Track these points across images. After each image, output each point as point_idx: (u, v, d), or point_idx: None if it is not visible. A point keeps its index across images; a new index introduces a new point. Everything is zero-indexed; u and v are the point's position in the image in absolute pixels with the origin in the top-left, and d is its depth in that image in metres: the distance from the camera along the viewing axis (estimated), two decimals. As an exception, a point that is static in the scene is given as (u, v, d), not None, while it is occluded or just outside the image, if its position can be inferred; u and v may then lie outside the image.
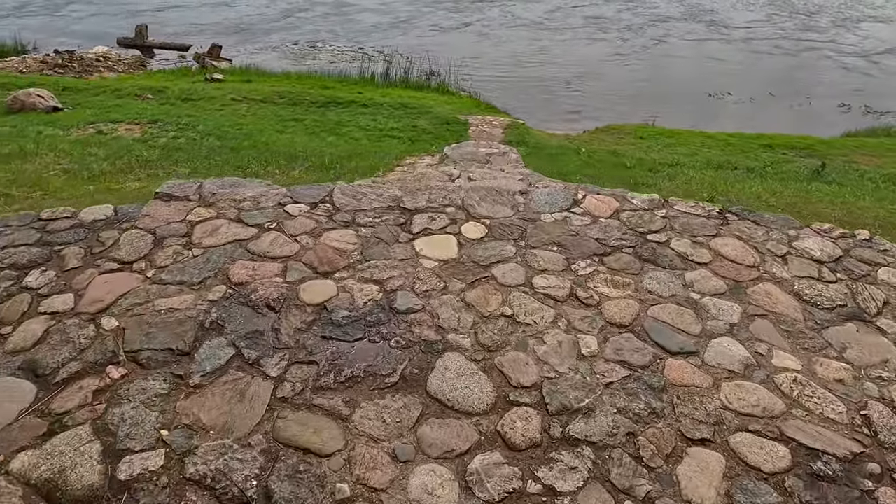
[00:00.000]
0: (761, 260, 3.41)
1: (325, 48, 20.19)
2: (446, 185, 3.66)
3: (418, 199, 3.69)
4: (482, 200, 3.54)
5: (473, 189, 3.46)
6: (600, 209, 3.63)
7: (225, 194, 3.81)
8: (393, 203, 3.74)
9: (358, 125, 11.72)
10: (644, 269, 3.32)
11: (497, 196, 3.53)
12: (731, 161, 10.54)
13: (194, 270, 3.31)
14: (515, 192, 3.60)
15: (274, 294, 3.11)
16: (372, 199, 3.76)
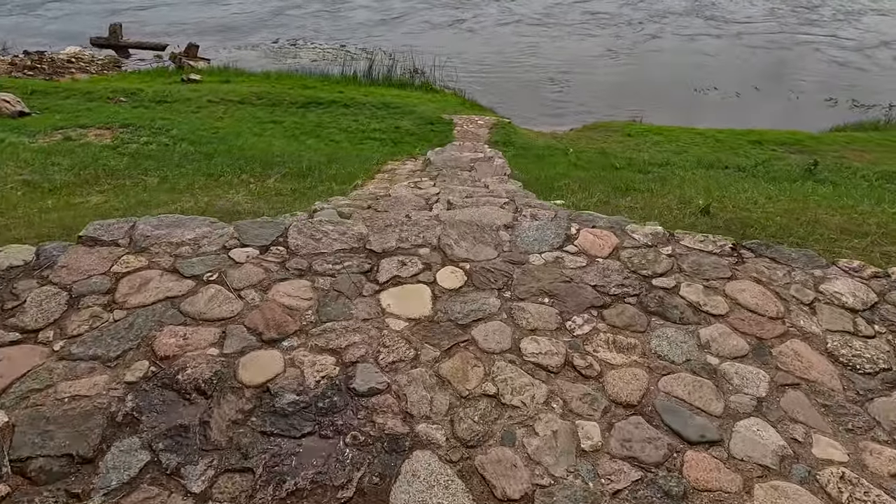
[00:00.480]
0: (786, 309, 2.84)
1: (306, 46, 19.73)
2: (420, 217, 3.12)
3: (387, 239, 3.07)
4: (461, 238, 2.94)
5: (451, 224, 2.94)
6: (597, 247, 3.03)
7: (160, 237, 3.13)
8: (357, 244, 3.10)
9: (339, 127, 11.35)
10: (651, 324, 2.77)
11: (478, 232, 2.98)
12: (722, 159, 10.32)
13: (112, 341, 2.66)
14: (499, 226, 3.07)
15: (206, 372, 2.49)
16: (333, 238, 3.10)
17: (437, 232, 2.98)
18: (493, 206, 3.09)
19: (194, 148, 8.88)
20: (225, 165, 7.76)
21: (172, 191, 6.29)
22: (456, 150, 7.54)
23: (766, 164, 9.78)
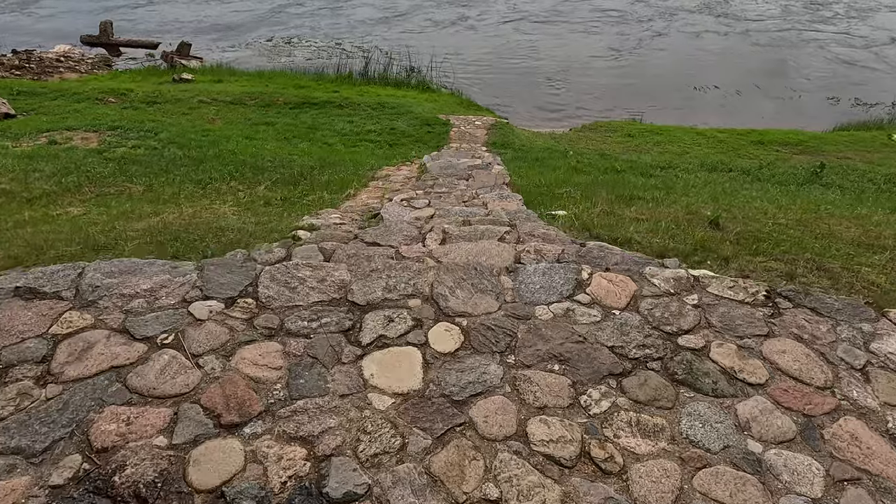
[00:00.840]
0: (834, 376, 2.39)
1: (301, 44, 19.42)
2: (411, 255, 2.68)
3: (372, 287, 2.57)
4: (457, 287, 2.44)
5: (446, 268, 2.50)
6: (613, 296, 2.55)
7: (111, 288, 2.59)
8: (338, 294, 2.58)
9: (333, 128, 11.08)
10: (679, 397, 2.29)
11: (477, 278, 2.50)
12: (725, 162, 10.09)
13: (41, 428, 2.13)
14: (500, 269, 2.61)
15: (149, 472, 1.98)
16: (310, 287, 2.57)
17: (430, 278, 2.51)
18: (493, 240, 2.72)
19: (183, 152, 8.61)
20: (214, 171, 7.50)
21: (157, 200, 6.03)
22: (453, 156, 7.29)
23: (770, 167, 9.55)
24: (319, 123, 11.41)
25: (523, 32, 21.67)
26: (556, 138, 12.59)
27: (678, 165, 9.55)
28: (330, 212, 4.80)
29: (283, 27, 21.60)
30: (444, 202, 3.64)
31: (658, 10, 24.47)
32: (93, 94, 12.72)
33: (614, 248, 2.81)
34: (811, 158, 11.91)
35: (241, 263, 2.71)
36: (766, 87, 17.80)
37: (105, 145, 9.01)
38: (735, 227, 4.83)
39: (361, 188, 6.28)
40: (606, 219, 5.00)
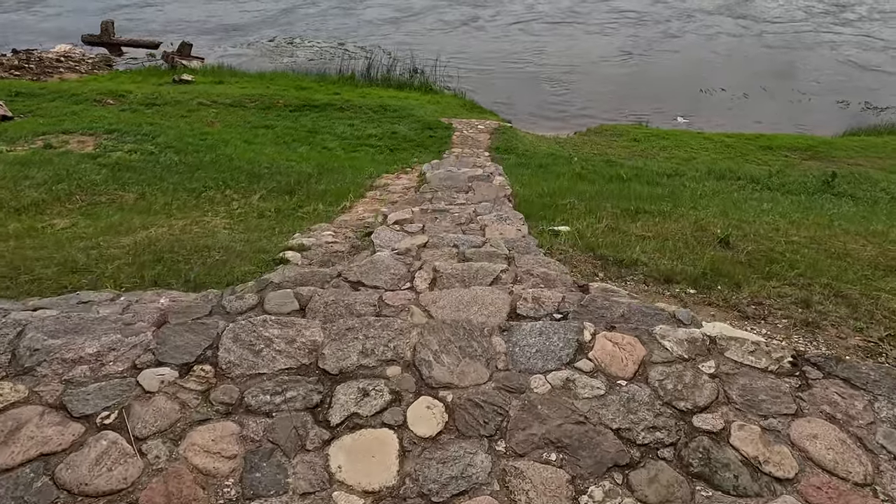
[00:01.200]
0: (874, 468, 1.95)
1: (303, 44, 19.23)
2: (395, 303, 2.33)
3: (347, 351, 2.14)
4: (443, 350, 2.08)
5: (431, 328, 2.14)
6: (618, 362, 2.11)
7: (53, 351, 2.18)
8: (308, 358, 2.15)
9: (333, 132, 10.90)
10: (696, 497, 1.85)
11: (465, 340, 2.15)
12: (733, 169, 9.85)
13: None
14: (493, 327, 2.22)
15: None
16: (278, 350, 2.15)
17: (413, 340, 2.11)
18: (487, 285, 2.49)
19: (179, 157, 8.43)
20: (209, 179, 7.33)
21: (148, 211, 5.86)
22: (453, 164, 7.09)
23: (780, 175, 9.31)
24: (320, 127, 11.23)
25: (532, 33, 21.40)
26: (561, 143, 12.38)
27: (685, 173, 9.32)
28: (323, 228, 4.61)
29: (291, 27, 21.34)
30: (439, 226, 3.43)
31: (676, 12, 24.12)
32: (91, 96, 12.56)
33: (619, 293, 2.55)
34: (821, 164, 11.66)
35: (207, 312, 2.35)
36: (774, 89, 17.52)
37: (101, 150, 8.84)
38: (746, 246, 4.62)
39: (358, 199, 6.09)
40: (611, 236, 4.80)
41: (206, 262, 3.68)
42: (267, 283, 2.52)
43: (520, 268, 2.64)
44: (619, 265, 4.04)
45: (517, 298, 2.29)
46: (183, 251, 3.96)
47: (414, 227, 3.42)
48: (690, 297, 3.68)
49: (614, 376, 1.90)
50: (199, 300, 2.48)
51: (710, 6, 24.74)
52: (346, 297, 2.27)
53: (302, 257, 3.72)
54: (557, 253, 4.32)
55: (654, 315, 2.20)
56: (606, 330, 2.09)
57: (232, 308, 2.33)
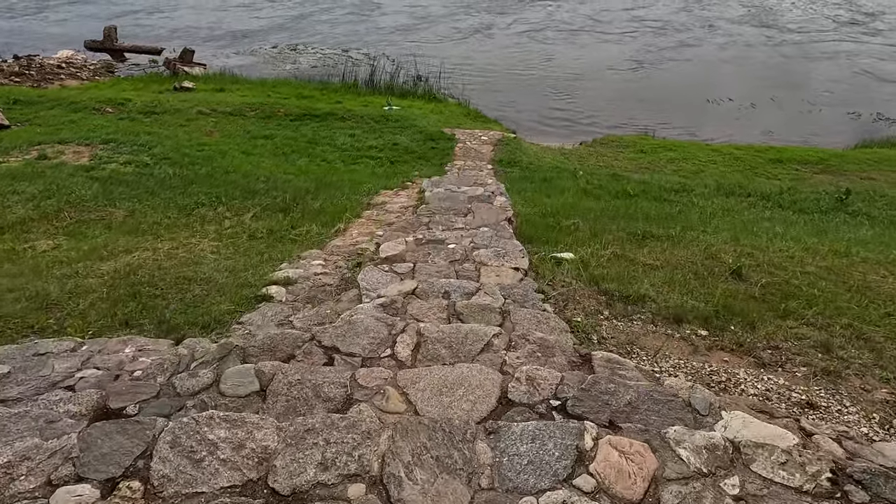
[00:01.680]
0: None
1: (306, 51, 19.06)
2: (366, 393, 1.98)
3: (304, 462, 1.71)
4: (416, 463, 1.67)
5: (404, 430, 1.75)
6: (625, 479, 1.68)
7: None
8: (257, 472, 1.69)
9: (333, 143, 10.69)
10: None
11: (444, 446, 1.75)
12: (743, 184, 9.57)
13: None
14: (476, 429, 1.82)
15: None
16: (222, 458, 1.71)
17: (382, 446, 1.70)
18: (475, 360, 2.19)
19: (174, 170, 8.24)
20: (202, 194, 7.12)
21: (136, 230, 5.65)
22: (454, 181, 6.85)
23: (791, 192, 9.04)
24: (320, 137, 11.02)
25: (543, 42, 21.06)
26: (566, 154, 12.13)
27: (693, 189, 9.06)
28: (313, 255, 4.39)
29: (302, 34, 21.05)
30: (431, 265, 3.18)
31: (700, 20, 23.72)
32: (90, 104, 12.41)
33: (626, 366, 2.26)
34: (833, 179, 11.37)
35: (155, 394, 2.00)
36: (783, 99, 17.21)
37: (95, 161, 8.66)
38: (760, 278, 4.36)
39: (354, 219, 5.86)
40: (617, 265, 4.55)
41: (184, 298, 3.46)
42: (229, 350, 2.25)
43: (515, 328, 2.38)
44: (626, 301, 3.80)
45: (509, 378, 2.02)
46: (162, 283, 3.74)
47: (404, 266, 3.17)
48: (702, 339, 3.43)
49: (620, 498, 1.52)
50: (154, 370, 2.24)
51: (735, 15, 24.36)
52: (314, 375, 2.02)
53: (287, 292, 3.50)
54: (559, 285, 4.08)
55: (665, 403, 1.91)
56: (611, 430, 1.78)
57: (183, 389, 2.02)
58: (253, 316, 3.12)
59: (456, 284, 2.76)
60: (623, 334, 3.42)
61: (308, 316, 2.96)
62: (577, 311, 3.60)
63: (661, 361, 3.17)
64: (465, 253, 3.48)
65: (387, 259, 3.40)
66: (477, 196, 5.84)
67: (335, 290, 3.58)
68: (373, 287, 2.93)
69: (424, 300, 2.60)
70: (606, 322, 3.53)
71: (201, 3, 24.12)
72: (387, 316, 2.40)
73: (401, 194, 7.11)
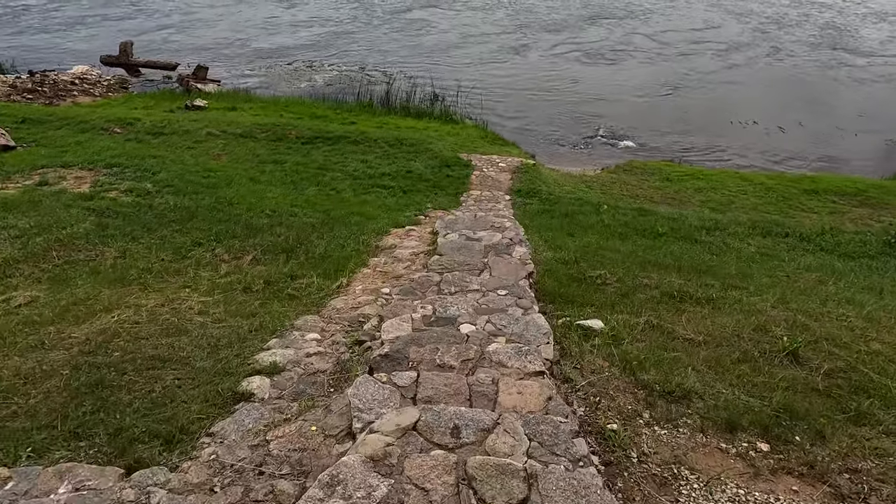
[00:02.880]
0: None
1: (322, 68, 18.74)
2: None
3: None
4: None
5: None
6: None
7: None
8: None
9: (344, 169, 10.25)
10: None
11: None
12: (779, 223, 8.93)
13: None
14: None
15: None
16: None
17: None
18: None
19: (176, 200, 7.84)
20: (201, 231, 6.69)
21: (122, 279, 5.20)
22: (469, 224, 6.34)
23: (833, 233, 8.39)
24: (331, 163, 10.59)
25: (577, 62, 20.36)
26: (588, 182, 11.58)
27: (726, 227, 8.45)
28: (309, 324, 3.89)
29: (342, 52, 20.42)
30: (439, 376, 2.63)
31: (767, 40, 22.85)
32: (99, 123, 12.14)
33: None
34: (874, 213, 10.69)
35: None
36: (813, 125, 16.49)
37: (96, 188, 8.30)
38: (820, 362, 3.78)
39: (359, 269, 5.36)
40: (654, 339, 4.00)
41: (151, 392, 2.97)
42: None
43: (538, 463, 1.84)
44: (669, 399, 3.24)
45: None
46: (132, 367, 3.26)
47: (406, 377, 2.59)
48: (763, 457, 2.86)
49: None
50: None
51: (807, 35, 23.45)
52: None
53: (271, 385, 3.00)
54: (588, 370, 3.54)
55: None
56: None
57: None
58: (226, 425, 2.63)
59: (468, 416, 2.23)
60: (668, 448, 2.87)
61: (289, 436, 2.45)
62: (612, 414, 3.06)
63: (717, 492, 2.61)
64: (481, 346, 2.94)
65: (387, 356, 2.86)
66: (494, 245, 5.32)
67: (328, 383, 3.07)
68: (366, 406, 2.41)
69: (428, 438, 2.07)
70: (647, 430, 2.98)
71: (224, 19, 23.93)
72: (377, 475, 1.86)
73: (412, 234, 6.61)
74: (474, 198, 9.26)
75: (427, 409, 2.31)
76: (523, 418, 2.29)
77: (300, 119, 13.54)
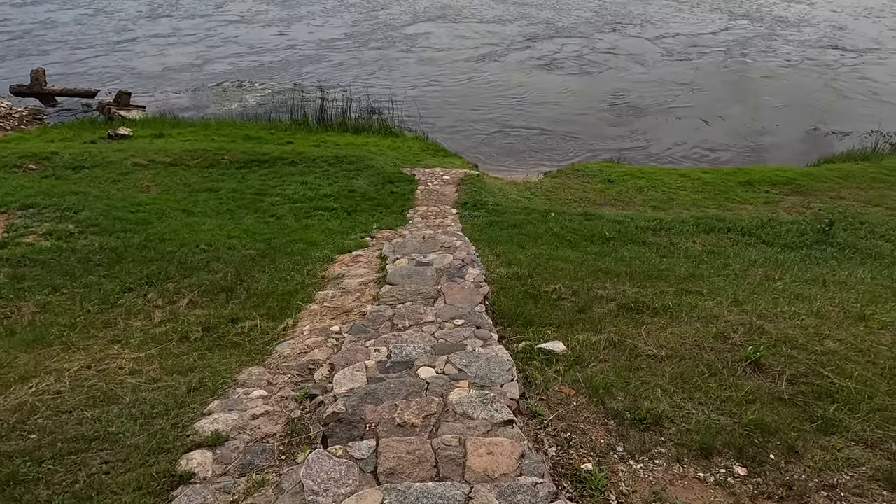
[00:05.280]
0: None
1: (253, 88, 18.14)
2: None
3: None
4: None
5: None
6: None
7: None
8: None
9: (283, 193, 9.85)
10: None
11: None
12: (720, 217, 9.13)
13: None
14: None
15: None
16: None
17: None
18: None
19: (102, 241, 7.29)
20: (132, 274, 6.22)
21: (42, 339, 4.72)
22: (418, 247, 6.13)
23: (772, 224, 8.63)
24: (269, 187, 10.17)
25: (513, 70, 20.30)
26: (532, 188, 11.57)
27: (671, 226, 8.57)
28: (254, 378, 3.58)
29: (273, 69, 19.41)
30: (400, 441, 2.38)
31: (761, 41, 23.08)
32: (10, 160, 11.26)
33: None
34: (805, 200, 11.12)
35: None
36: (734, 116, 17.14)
37: (10, 233, 7.62)
38: (782, 368, 3.76)
39: (306, 306, 5.06)
40: (617, 359, 3.89)
41: (74, 485, 2.61)
42: None
43: None
44: (641, 427, 3.12)
45: None
46: (51, 452, 2.88)
47: (364, 447, 2.33)
48: (741, 484, 2.77)
49: None
50: None
51: (812, 38, 23.87)
52: None
53: (214, 460, 2.70)
54: (556, 402, 3.39)
55: None
56: None
57: None
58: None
59: (437, 494, 2.00)
60: (646, 484, 2.74)
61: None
62: (585, 452, 2.91)
63: (702, 529, 2.49)
64: (442, 397, 2.71)
65: (341, 421, 2.59)
66: (446, 268, 5.13)
67: (278, 450, 2.79)
68: (322, 488, 2.14)
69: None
70: (622, 465, 2.84)
71: (144, 41, 22.76)
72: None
73: (360, 260, 6.34)
74: (421, 214, 9.07)
75: (390, 489, 2.08)
76: (497, 488, 2.09)
77: (233, 142, 13.00)
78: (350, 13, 26.80)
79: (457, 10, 27.25)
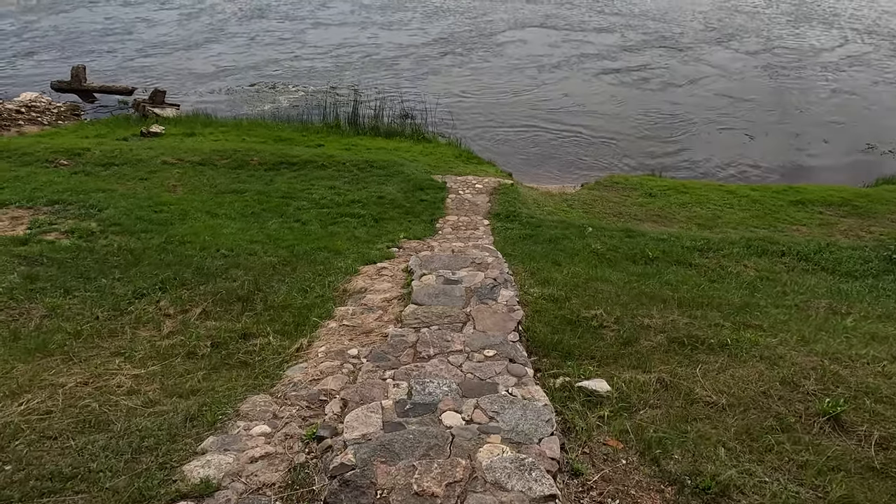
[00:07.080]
0: None
1: (286, 89, 18.02)
2: None
3: None
4: None
5: None
6: None
7: None
8: None
9: (310, 198, 9.55)
10: None
11: None
12: (773, 240, 8.48)
13: None
14: None
15: None
16: None
17: None
18: None
19: (121, 242, 7.06)
20: (147, 278, 5.93)
21: (44, 347, 4.44)
22: (446, 262, 5.70)
23: (831, 249, 7.96)
24: (296, 191, 9.89)
25: (546, 72, 19.73)
26: (569, 200, 11.05)
27: (720, 247, 7.97)
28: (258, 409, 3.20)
29: (306, 71, 19.11)
30: None
31: None
32: (43, 155, 11.25)
33: None
34: (864, 223, 10.35)
35: None
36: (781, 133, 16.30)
37: (33, 230, 7.45)
38: (868, 427, 3.21)
39: (324, 323, 4.68)
40: (672, 408, 3.39)
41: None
42: None
43: None
44: (704, 498, 2.62)
45: None
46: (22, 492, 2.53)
47: None
48: (836, 583, 2.25)
49: None
50: None
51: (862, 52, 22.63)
52: None
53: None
54: (601, 458, 2.92)
55: None
56: None
57: None
58: None
59: None
60: (714, 576, 2.24)
61: None
62: (639, 528, 2.43)
63: None
64: (470, 456, 2.28)
65: (348, 483, 2.19)
66: (476, 288, 4.69)
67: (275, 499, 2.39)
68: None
69: None
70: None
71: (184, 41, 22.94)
72: None
73: (384, 274, 5.95)
74: (451, 224, 8.66)
75: None
76: None
77: (263, 143, 12.81)
78: (448, 19, 26.20)
79: (560, 19, 26.39)
